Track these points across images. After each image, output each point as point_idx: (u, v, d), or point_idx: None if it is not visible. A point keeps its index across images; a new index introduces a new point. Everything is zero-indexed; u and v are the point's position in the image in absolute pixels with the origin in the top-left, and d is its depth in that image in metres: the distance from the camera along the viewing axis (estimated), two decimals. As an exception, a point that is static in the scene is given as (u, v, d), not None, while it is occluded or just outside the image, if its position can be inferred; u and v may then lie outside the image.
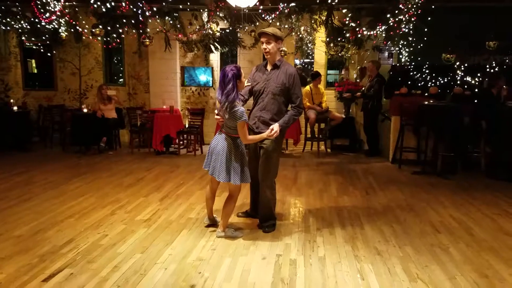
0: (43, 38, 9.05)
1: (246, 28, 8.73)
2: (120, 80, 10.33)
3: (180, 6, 8.48)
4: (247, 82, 4.13)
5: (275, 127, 3.80)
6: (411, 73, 8.53)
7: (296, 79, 4.00)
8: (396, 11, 7.53)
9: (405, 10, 7.40)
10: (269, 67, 4.07)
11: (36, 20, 8.35)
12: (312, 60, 9.59)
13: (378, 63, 8.42)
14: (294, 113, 4.02)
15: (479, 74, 8.23)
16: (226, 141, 3.77)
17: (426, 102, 7.09)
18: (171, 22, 8.55)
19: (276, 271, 3.27)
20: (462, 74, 8.45)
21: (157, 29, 8.63)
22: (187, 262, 3.43)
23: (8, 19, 8.76)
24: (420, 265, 3.40)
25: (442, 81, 8.50)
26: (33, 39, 9.66)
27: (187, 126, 8.78)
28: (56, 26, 8.58)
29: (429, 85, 8.37)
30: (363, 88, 8.55)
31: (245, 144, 3.91)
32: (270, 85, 3.97)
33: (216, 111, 3.83)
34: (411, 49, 8.20)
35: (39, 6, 8.07)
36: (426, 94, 7.92)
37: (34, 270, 3.23)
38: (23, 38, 9.59)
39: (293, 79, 3.98)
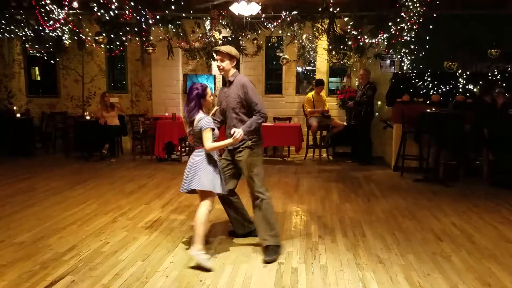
0: (47, 45, 9.10)
1: (249, 36, 8.77)
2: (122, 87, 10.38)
3: (183, 14, 8.53)
4: (216, 105, 4.11)
5: (237, 130, 3.65)
6: (413, 81, 8.53)
7: (248, 87, 3.88)
8: (398, 19, 7.55)
9: (407, 18, 7.42)
10: (227, 84, 4.02)
11: (40, 27, 8.40)
12: (314, 68, 9.62)
13: (369, 71, 8.49)
14: (256, 118, 3.87)
15: (481, 82, 8.22)
16: (200, 154, 3.64)
17: (428, 110, 7.09)
18: (174, 30, 8.60)
19: (277, 279, 3.27)
20: (464, 82, 8.44)
21: (160, 37, 8.67)
22: (189, 269, 3.43)
23: (12, 27, 8.82)
24: (422, 274, 3.39)
25: (444, 89, 8.49)
26: (36, 46, 9.71)
27: (189, 133, 8.79)
28: (59, 33, 8.64)
29: (431, 92, 8.36)
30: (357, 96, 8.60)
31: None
32: (230, 101, 3.90)
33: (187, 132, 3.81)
34: (413, 57, 8.20)
35: (43, 14, 8.13)
36: (428, 101, 7.93)
37: (36, 277, 3.23)
38: (27, 45, 9.65)
39: (245, 89, 3.86)
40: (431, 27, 7.66)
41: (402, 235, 4.30)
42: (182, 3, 8.02)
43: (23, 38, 9.10)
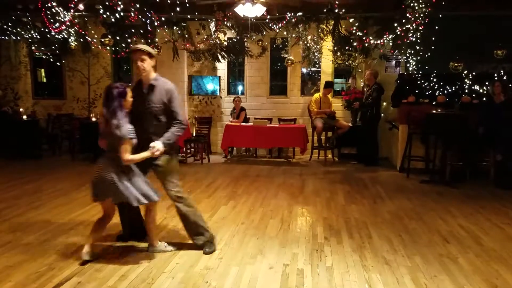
0: (53, 47, 9.14)
1: (254, 37, 8.78)
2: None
3: (188, 16, 8.54)
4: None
5: (157, 144, 3.56)
6: (419, 82, 8.50)
7: (174, 94, 3.73)
8: (403, 20, 7.53)
9: (412, 19, 7.40)
10: (145, 86, 3.76)
11: (46, 30, 8.43)
12: (319, 69, 9.61)
13: (376, 73, 8.45)
14: (175, 130, 3.71)
15: (487, 83, 8.17)
16: (118, 161, 3.45)
17: (434, 111, 7.07)
18: (179, 32, 8.62)
19: (283, 281, 3.26)
20: (470, 82, 8.40)
21: (165, 39, 8.70)
22: (194, 271, 3.43)
23: (18, 29, 8.88)
24: (429, 275, 3.37)
25: (450, 90, 8.46)
26: (42, 48, 9.75)
27: (194, 134, 8.82)
28: (65, 36, 8.68)
29: (436, 93, 8.33)
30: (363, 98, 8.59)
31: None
32: (150, 106, 3.69)
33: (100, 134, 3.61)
34: (419, 57, 8.19)
35: (49, 16, 8.16)
36: (434, 102, 7.90)
37: (43, 278, 3.25)
38: (33, 47, 9.70)
39: (170, 95, 3.71)
40: (436, 27, 7.64)
41: (408, 237, 4.28)
42: (187, 5, 8.03)
43: (29, 40, 9.15)
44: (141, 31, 8.38)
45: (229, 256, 3.75)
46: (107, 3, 7.95)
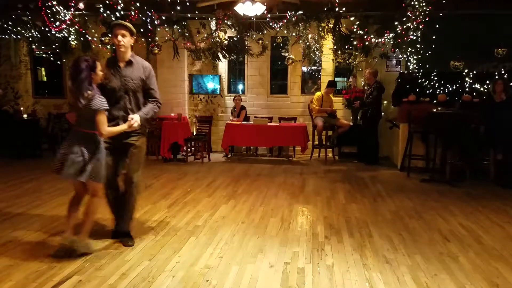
0: (53, 46, 9.14)
1: (254, 36, 8.77)
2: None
3: (189, 15, 8.54)
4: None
5: (135, 117, 3.64)
6: (419, 81, 8.49)
7: (151, 70, 3.90)
8: (404, 19, 7.53)
9: (413, 17, 7.39)
10: (121, 64, 3.79)
11: (46, 29, 8.43)
12: (320, 68, 9.60)
13: (375, 72, 8.44)
14: (153, 106, 3.88)
15: (488, 82, 8.16)
16: (84, 138, 3.44)
17: (435, 110, 7.06)
18: (179, 30, 8.61)
19: (284, 280, 3.26)
20: (471, 81, 8.39)
21: (166, 38, 8.69)
22: (195, 269, 3.43)
23: (18, 28, 8.87)
24: (429, 274, 3.37)
25: (450, 89, 8.45)
26: (43, 47, 9.76)
27: (195, 133, 8.83)
28: (66, 34, 8.67)
29: (437, 92, 8.33)
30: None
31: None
32: (128, 82, 3.76)
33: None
34: (419, 56, 8.18)
35: (49, 15, 8.16)
36: (435, 101, 7.90)
37: (43, 277, 3.24)
38: (33, 46, 9.69)
39: (149, 72, 3.87)
40: (437, 26, 7.63)
41: (409, 236, 4.28)
42: (188, 3, 8.03)
43: (30, 39, 9.14)
44: (141, 30, 8.38)
45: (229, 255, 3.75)
46: (107, 2, 7.95)
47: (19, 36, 9.22)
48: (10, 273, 3.31)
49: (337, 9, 7.91)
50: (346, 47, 8.47)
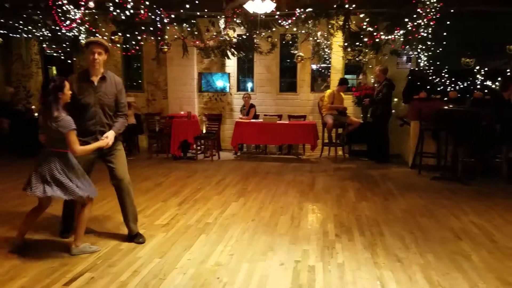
0: (64, 45, 9.21)
1: (263, 34, 8.75)
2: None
3: (198, 13, 8.55)
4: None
5: (110, 134, 3.78)
6: (430, 78, 8.42)
7: (122, 87, 4.01)
8: (414, 16, 7.47)
9: (424, 14, 7.33)
10: (94, 79, 3.85)
11: (57, 28, 8.50)
12: (329, 65, 9.56)
13: (385, 69, 8.37)
14: (123, 121, 4.01)
15: (499, 78, 8.07)
16: (55, 158, 3.47)
17: (446, 107, 7.00)
18: (188, 29, 8.63)
19: (294, 278, 3.26)
20: (482, 78, 8.31)
21: (175, 36, 8.71)
22: (206, 267, 3.44)
23: (29, 27, 8.95)
24: (441, 273, 3.34)
25: (461, 86, 8.37)
26: (53, 46, 9.84)
27: (204, 131, 8.84)
28: (76, 33, 8.73)
29: (448, 89, 8.25)
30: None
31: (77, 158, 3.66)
32: (103, 97, 3.84)
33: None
34: (430, 53, 8.12)
35: (60, 14, 8.21)
36: (446, 98, 7.82)
37: (56, 273, 3.28)
38: (44, 45, 9.78)
39: (120, 87, 3.97)
40: (448, 23, 7.56)
41: (420, 234, 4.25)
42: (197, 1, 8.03)
43: (40, 38, 9.23)
44: (151, 29, 8.41)
45: (240, 252, 3.76)
46: (117, 0, 7.98)
47: (30, 35, 9.30)
48: (23, 269, 3.35)
49: (346, 6, 7.87)
50: (356, 44, 8.42)
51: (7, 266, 3.41)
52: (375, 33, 7.98)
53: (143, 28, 8.47)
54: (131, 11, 8.09)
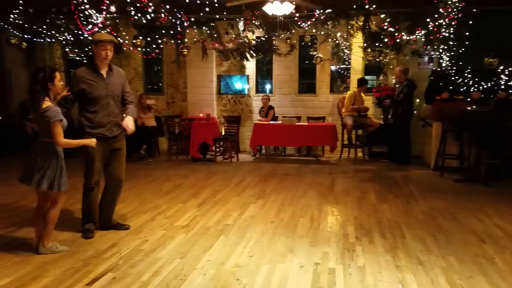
0: (86, 49, 9.37)
1: (282, 35, 8.75)
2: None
3: (217, 16, 8.61)
4: (67, 90, 3.93)
5: (128, 120, 4.03)
6: (453, 78, 8.28)
7: (125, 77, 4.29)
8: (436, 15, 7.36)
9: (445, 14, 7.22)
10: (103, 72, 4.05)
11: (79, 32, 8.65)
12: (349, 66, 9.49)
13: (406, 69, 8.25)
14: (133, 107, 4.30)
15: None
16: (44, 148, 3.53)
17: (469, 108, 6.87)
18: (208, 32, 8.69)
19: (314, 280, 3.24)
20: (506, 78, 8.12)
21: (195, 39, 8.78)
22: (225, 268, 3.46)
23: (52, 32, 9.14)
24: (464, 276, 3.28)
25: (485, 86, 8.20)
26: (76, 50, 10.01)
27: (223, 133, 8.89)
28: (98, 37, 8.86)
29: (471, 90, 8.10)
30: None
31: (90, 152, 3.78)
32: (113, 89, 4.06)
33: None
34: (452, 53, 7.98)
35: (82, 19, 8.36)
36: (469, 99, 7.68)
37: (79, 273, 3.34)
38: (67, 49, 9.96)
39: (125, 77, 4.26)
40: (470, 22, 7.43)
41: (442, 237, 4.18)
42: (216, 5, 8.09)
43: (63, 42, 9.40)
44: (171, 32, 8.50)
45: (259, 254, 3.76)
46: (138, 4, 8.09)
47: (53, 40, 9.49)
48: (47, 269, 3.42)
49: (367, 6, 7.80)
50: (376, 44, 8.34)
51: (30, 267, 3.48)
52: (396, 33, 7.90)
53: (163, 31, 8.57)
54: (152, 15, 8.19)
